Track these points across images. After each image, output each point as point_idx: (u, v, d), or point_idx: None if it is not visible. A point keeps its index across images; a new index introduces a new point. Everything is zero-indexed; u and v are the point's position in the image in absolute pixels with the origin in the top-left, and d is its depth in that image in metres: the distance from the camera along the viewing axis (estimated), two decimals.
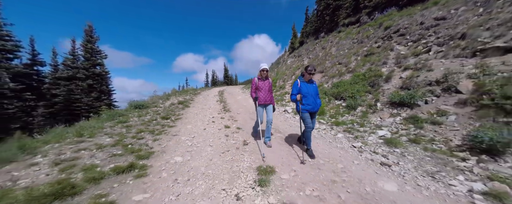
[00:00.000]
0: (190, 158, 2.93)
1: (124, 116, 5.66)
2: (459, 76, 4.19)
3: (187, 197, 1.96)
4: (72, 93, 11.21)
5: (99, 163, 2.68)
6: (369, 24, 10.65)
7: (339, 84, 7.51)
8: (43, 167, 2.62)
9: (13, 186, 2.15)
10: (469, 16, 5.69)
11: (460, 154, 2.83)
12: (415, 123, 3.97)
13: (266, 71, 3.29)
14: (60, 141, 3.55)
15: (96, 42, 12.97)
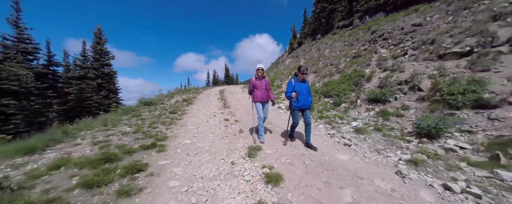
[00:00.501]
0: (197, 141, 3.74)
1: (137, 111, 6.48)
2: (422, 77, 4.96)
3: (196, 163, 2.76)
4: (83, 91, 12.12)
5: (127, 143, 3.49)
6: (359, 27, 11.39)
7: (329, 83, 8.28)
8: (85, 146, 3.43)
9: (69, 157, 2.97)
10: (440, 24, 6.44)
11: (408, 138, 3.61)
12: (384, 116, 4.75)
13: (261, 70, 3.55)
14: (90, 129, 4.37)
15: (105, 43, 13.89)
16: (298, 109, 3.27)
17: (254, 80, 3.60)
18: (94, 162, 2.63)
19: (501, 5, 5.18)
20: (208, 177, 2.35)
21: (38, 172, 2.37)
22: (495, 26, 4.79)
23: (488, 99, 3.51)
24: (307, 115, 3.32)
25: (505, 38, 4.33)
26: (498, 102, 3.41)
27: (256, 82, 3.59)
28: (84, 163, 2.63)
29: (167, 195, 1.97)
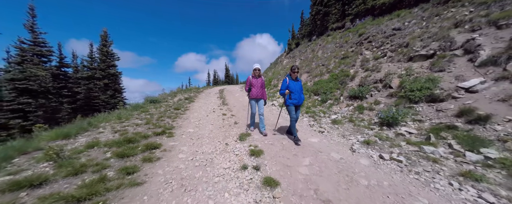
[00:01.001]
0: (198, 130, 4.51)
1: (144, 108, 7.26)
2: (393, 76, 5.71)
3: (198, 144, 3.54)
4: (91, 91, 12.96)
5: (142, 131, 4.27)
6: (350, 30, 12.13)
7: (318, 82, 9.04)
8: (107, 133, 4.22)
9: (98, 140, 3.75)
10: (415, 28, 7.18)
11: (372, 126, 4.38)
12: (359, 110, 5.50)
13: (258, 70, 3.82)
14: (108, 122, 5.16)
15: (110, 45, 14.73)
16: (293, 105, 3.52)
17: (251, 79, 3.87)
18: (119, 143, 3.41)
19: (463, 14, 5.92)
20: (207, 152, 3.13)
21: (78, 149, 3.16)
22: (455, 32, 5.53)
23: (438, 94, 4.27)
24: (298, 111, 3.68)
25: (460, 43, 5.08)
26: (445, 96, 4.16)
27: (252, 80, 3.86)
28: (111, 143, 3.42)
29: (177, 162, 2.75)
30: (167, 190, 2.04)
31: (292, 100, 3.49)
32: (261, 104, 3.98)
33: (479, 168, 2.46)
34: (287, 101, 3.54)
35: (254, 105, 3.98)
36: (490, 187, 2.09)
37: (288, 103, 3.53)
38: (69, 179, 2.26)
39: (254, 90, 3.88)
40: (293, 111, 3.55)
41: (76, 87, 12.84)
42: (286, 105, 3.58)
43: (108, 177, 2.27)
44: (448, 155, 2.85)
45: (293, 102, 3.49)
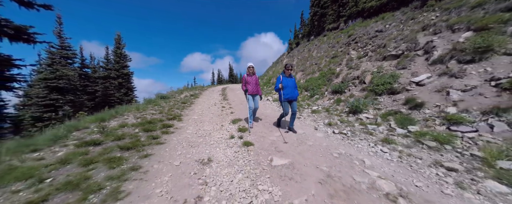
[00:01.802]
0: (201, 117, 5.65)
1: (156, 102, 8.50)
2: (367, 73, 6.63)
3: (201, 125, 4.66)
4: (107, 89, 14.50)
5: (157, 117, 5.45)
6: (342, 31, 12.95)
7: (310, 80, 10.01)
8: (131, 119, 5.41)
9: (126, 123, 4.95)
10: (393, 31, 8.01)
11: (341, 114, 5.36)
12: (337, 102, 6.47)
13: (252, 68, 4.08)
14: (129, 112, 6.39)
15: (123, 48, 16.25)
16: (286, 100, 3.77)
17: (246, 77, 4.15)
18: (142, 124, 4.60)
19: (430, 18, 6.74)
20: (207, 130, 4.24)
21: (114, 127, 4.35)
22: (421, 35, 6.37)
23: (396, 88, 5.19)
24: (294, 105, 3.84)
25: (422, 44, 5.94)
26: (400, 89, 5.08)
27: (247, 78, 4.13)
28: (137, 124, 4.61)
29: (186, 134, 3.88)
30: (180, 146, 3.16)
31: (285, 95, 3.71)
32: (257, 100, 4.29)
33: (397, 137, 3.44)
34: (281, 97, 3.78)
35: (251, 101, 4.21)
36: (394, 146, 3.08)
37: (281, 99, 3.79)
38: (114, 142, 3.42)
39: (249, 87, 4.14)
40: (286, 106, 3.78)
41: (94, 85, 14.44)
42: (280, 100, 3.84)
43: (141, 140, 3.42)
44: (384, 130, 3.83)
45: (286, 97, 3.71)
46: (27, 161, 2.55)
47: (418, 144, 3.13)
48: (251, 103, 4.19)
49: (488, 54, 4.21)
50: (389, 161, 2.64)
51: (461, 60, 4.57)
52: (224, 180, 2.11)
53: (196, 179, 2.16)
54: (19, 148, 2.87)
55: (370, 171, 2.26)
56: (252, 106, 4.20)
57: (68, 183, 1.99)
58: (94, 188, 1.92)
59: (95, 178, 2.13)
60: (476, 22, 4.97)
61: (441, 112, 3.80)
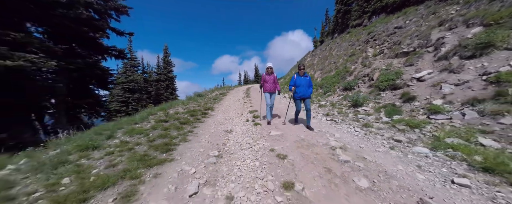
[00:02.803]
0: (227, 109, 7.33)
1: (194, 99, 10.80)
2: (376, 70, 7.04)
3: (227, 114, 6.31)
4: (158, 90, 18.38)
5: (197, 108, 7.42)
6: (365, 27, 12.77)
7: (325, 78, 10.63)
8: (180, 109, 7.55)
9: (178, 111, 7.05)
10: (412, 27, 7.94)
11: (344, 108, 6.13)
12: (344, 98, 7.14)
13: (270, 68, 4.46)
14: (178, 105, 8.68)
15: (169, 56, 20.12)
16: (298, 98, 4.01)
17: (265, 76, 4.54)
18: (189, 112, 6.55)
19: (450, 12, 6.60)
20: (231, 116, 5.83)
21: (172, 113, 6.42)
22: (436, 31, 6.40)
23: (398, 83, 5.64)
24: (307, 103, 3.99)
25: (434, 41, 6.05)
26: (402, 85, 5.52)
27: (266, 77, 4.51)
28: (185, 112, 6.60)
29: (217, 117, 5.57)
30: (213, 124, 4.82)
31: (298, 93, 3.98)
32: (274, 97, 4.66)
33: (378, 123, 4.21)
34: (294, 95, 4.07)
35: (268, 98, 4.56)
36: (369, 128, 3.93)
37: (294, 97, 4.08)
38: (175, 120, 5.35)
39: (267, 85, 4.49)
40: (299, 104, 4.08)
41: (150, 86, 18.58)
42: (293, 98, 4.13)
43: (190, 120, 5.26)
44: (372, 119, 4.59)
45: (299, 95, 3.96)
46: (136, 127, 4.62)
47: (392, 128, 3.89)
48: (268, 100, 4.55)
49: (489, 50, 4.38)
50: (355, 136, 3.58)
51: (462, 56, 4.79)
52: (238, 139, 3.56)
53: (222, 137, 3.69)
54: (129, 121, 5.05)
55: (332, 138, 3.32)
56: (269, 103, 4.55)
57: (160, 135, 3.82)
58: (173, 137, 3.67)
59: (171, 134, 3.91)
60: (489, 17, 4.98)
61: (428, 104, 4.31)
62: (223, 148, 3.17)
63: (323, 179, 2.13)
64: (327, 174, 2.23)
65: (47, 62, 4.24)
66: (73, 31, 4.93)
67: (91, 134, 4.08)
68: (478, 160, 2.31)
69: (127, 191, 1.97)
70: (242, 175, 2.26)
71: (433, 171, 2.24)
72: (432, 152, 2.72)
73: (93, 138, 3.59)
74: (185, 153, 3.00)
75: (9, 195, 1.94)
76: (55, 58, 4.36)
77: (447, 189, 1.93)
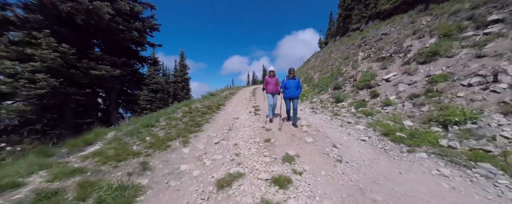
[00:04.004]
0: (236, 105, 9.10)
1: (208, 97, 12.76)
2: (360, 73, 8.38)
3: (235, 108, 8.07)
4: (176, 90, 20.82)
5: (212, 104, 9.29)
6: (361, 32, 13.89)
7: (322, 79, 12.01)
8: (198, 105, 9.50)
9: (196, 107, 8.96)
10: (395, 34, 9.12)
11: (328, 103, 7.59)
12: (332, 96, 8.56)
13: (272, 72, 5.10)
14: (196, 102, 10.64)
15: (185, 60, 22.60)
16: (287, 98, 4.63)
17: (268, 78, 5.17)
18: (206, 107, 8.43)
19: (422, 23, 7.77)
20: (238, 110, 7.58)
21: (193, 107, 8.34)
22: (409, 39, 7.62)
23: (372, 84, 7.00)
24: (295, 103, 4.61)
25: (405, 47, 7.30)
26: (374, 85, 6.88)
27: (268, 79, 5.12)
28: (202, 107, 8.48)
29: (227, 111, 7.35)
30: (225, 114, 6.60)
31: (286, 94, 4.58)
32: (276, 98, 5.18)
33: (346, 113, 5.68)
34: (284, 96, 4.73)
35: (270, 98, 5.12)
36: (336, 116, 5.44)
37: (284, 97, 4.76)
38: (197, 112, 7.22)
39: (269, 87, 5.06)
40: (288, 103, 4.70)
41: (169, 87, 21.16)
42: (283, 98, 4.83)
43: (208, 111, 7.10)
44: (344, 110, 6.06)
45: (287, 96, 4.57)
46: (171, 116, 6.53)
47: (353, 116, 5.36)
48: (270, 100, 5.10)
49: (435, 57, 5.66)
50: (323, 120, 5.12)
51: (418, 61, 6.09)
52: (242, 122, 5.26)
53: (232, 121, 5.42)
54: (165, 112, 7.01)
55: (305, 121, 4.90)
56: (271, 102, 5.09)
57: (190, 120, 5.66)
58: (198, 121, 5.49)
59: (197, 120, 5.73)
60: (442, 30, 6.21)
61: (385, 99, 5.70)
62: (232, 126, 4.90)
63: (288, 139, 3.76)
64: (292, 137, 3.86)
65: (114, 70, 6.29)
66: (125, 47, 6.93)
67: (145, 119, 6.04)
68: (383, 130, 3.80)
69: (183, 141, 3.77)
70: (243, 137, 3.96)
71: (354, 136, 3.77)
72: (365, 127, 4.22)
73: (149, 121, 5.51)
74: (209, 128, 4.77)
75: (127, 144, 3.82)
76: (118, 68, 6.42)
77: (354, 142, 3.47)
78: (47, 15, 5.02)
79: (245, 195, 2.06)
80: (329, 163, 2.72)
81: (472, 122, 3.27)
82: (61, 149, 3.47)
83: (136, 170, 2.67)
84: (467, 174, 2.20)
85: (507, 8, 5.06)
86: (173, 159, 3.08)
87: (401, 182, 2.15)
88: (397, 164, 2.59)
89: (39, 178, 2.57)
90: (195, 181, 2.42)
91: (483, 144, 2.78)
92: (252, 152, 3.18)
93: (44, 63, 4.56)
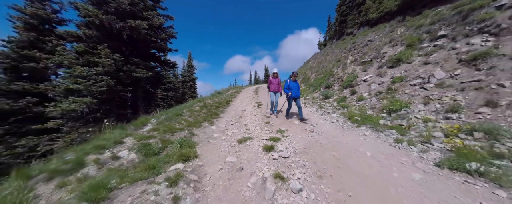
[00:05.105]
0: (242, 101, 10.79)
1: (216, 95, 14.50)
2: (346, 74, 9.97)
3: (241, 103, 9.76)
4: (184, 89, 22.65)
5: (222, 101, 11.00)
6: (353, 37, 15.41)
7: (316, 79, 13.63)
8: (210, 101, 11.20)
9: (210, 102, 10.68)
10: (377, 41, 10.68)
11: (318, 100, 9.22)
12: (323, 94, 10.18)
13: (275, 73, 6.13)
14: (207, 99, 12.37)
15: (192, 61, 24.42)
16: (291, 98, 5.45)
17: (271, 79, 6.16)
18: (216, 102, 10.14)
19: (397, 33, 9.32)
20: (244, 105, 9.27)
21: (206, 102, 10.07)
22: (386, 46, 9.18)
23: (353, 84, 8.61)
24: (298, 102, 5.44)
25: (382, 53, 8.87)
26: (354, 84, 8.48)
27: (272, 80, 6.13)
28: (213, 103, 10.20)
29: (235, 105, 9.05)
30: (234, 108, 8.29)
31: (292, 94, 5.34)
32: (277, 95, 6.24)
33: (329, 106, 7.32)
34: (287, 95, 5.49)
35: (273, 96, 6.20)
36: (321, 108, 7.09)
37: (289, 97, 5.43)
38: (211, 106, 8.94)
39: (272, 86, 6.11)
40: (291, 103, 5.61)
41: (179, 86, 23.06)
42: (287, 98, 5.53)
43: (220, 106, 8.81)
44: (329, 105, 7.69)
45: (293, 96, 5.36)
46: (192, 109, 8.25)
47: (334, 108, 6.99)
48: (273, 97, 6.18)
49: (399, 63, 7.24)
50: (310, 111, 6.77)
51: (388, 66, 7.67)
52: (249, 112, 6.94)
53: (240, 112, 7.10)
54: (185, 106, 8.75)
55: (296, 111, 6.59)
56: (273, 100, 6.18)
57: (208, 111, 7.37)
58: (215, 111, 7.19)
59: (213, 111, 7.43)
60: (408, 40, 7.78)
61: (360, 95, 7.31)
62: (241, 115, 6.58)
63: (282, 122, 5.42)
64: (284, 121, 5.53)
65: (147, 73, 8.05)
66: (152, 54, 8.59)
67: (173, 110, 7.75)
68: (348, 116, 5.44)
69: (209, 122, 5.47)
70: (250, 121, 5.63)
71: (328, 120, 5.42)
72: (338, 115, 5.86)
73: (177, 111, 7.22)
74: (224, 116, 6.46)
75: (171, 124, 5.54)
76: (149, 71, 8.16)
77: (326, 123, 5.12)
78: (103, 32, 6.75)
79: (253, 146, 3.73)
80: (305, 133, 4.37)
81: (404, 110, 4.89)
82: (130, 127, 5.20)
83: (187, 136, 4.38)
84: (379, 135, 3.83)
85: (451, 26, 6.62)
86: (207, 131, 4.78)
87: (341, 139, 3.79)
88: (345, 132, 4.23)
89: (130, 139, 4.29)
90: (224, 140, 4.11)
91: (401, 121, 4.40)
92: (257, 129, 4.85)
93: (104, 68, 6.29)
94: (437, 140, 3.24)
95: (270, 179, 2.32)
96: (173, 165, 2.85)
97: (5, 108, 6.00)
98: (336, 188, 2.13)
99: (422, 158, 2.69)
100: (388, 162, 2.64)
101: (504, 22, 5.06)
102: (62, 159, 3.34)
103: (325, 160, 2.88)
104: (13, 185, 2.55)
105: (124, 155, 3.52)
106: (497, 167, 2.29)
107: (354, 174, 2.41)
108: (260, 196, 2.10)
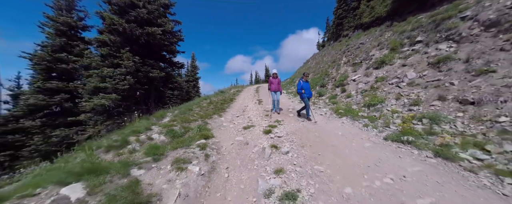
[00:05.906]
0: (244, 99, 11.83)
1: (220, 94, 15.56)
2: (338, 74, 10.99)
3: (243, 100, 10.82)
4: (188, 88, 23.76)
5: (225, 98, 12.06)
6: (348, 39, 16.41)
7: (313, 79, 14.65)
8: (215, 99, 12.26)
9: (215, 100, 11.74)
10: (368, 44, 11.68)
11: (313, 97, 10.25)
12: (318, 92, 11.20)
13: (275, 74, 6.63)
14: (211, 97, 13.43)
15: (196, 61, 25.51)
16: (306, 97, 5.76)
17: (271, 79, 6.66)
18: (221, 100, 11.20)
19: (384, 37, 10.32)
20: (246, 102, 10.32)
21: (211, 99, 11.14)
22: (374, 50, 10.18)
23: (344, 83, 9.63)
24: (308, 100, 5.85)
25: (370, 56, 9.88)
26: (345, 84, 9.50)
27: (272, 80, 6.63)
28: (218, 100, 11.28)
29: (239, 102, 10.11)
30: (238, 104, 9.35)
31: (305, 94, 5.68)
32: (278, 94, 6.68)
33: (321, 102, 8.35)
34: (303, 96, 5.69)
35: (274, 95, 6.65)
36: (315, 104, 8.12)
37: (303, 97, 5.70)
38: (217, 103, 10.00)
39: (273, 86, 6.59)
40: (307, 100, 5.78)
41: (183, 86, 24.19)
42: (302, 98, 5.78)
43: (225, 102, 9.87)
44: (322, 102, 8.72)
45: (307, 95, 5.73)
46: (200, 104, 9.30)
47: (325, 104, 8.02)
48: (274, 96, 6.63)
49: (383, 65, 8.25)
50: None
51: (374, 67, 8.69)
52: (251, 108, 7.99)
53: (243, 108, 8.14)
54: (194, 102, 9.82)
55: (292, 107, 7.61)
56: (274, 98, 6.62)
57: (214, 107, 8.43)
58: (222, 107, 8.24)
59: (219, 106, 8.49)
60: (392, 44, 8.78)
61: (348, 93, 8.34)
62: (244, 109, 7.62)
63: (279, 115, 6.48)
64: (281, 114, 6.58)
65: (160, 73, 9.11)
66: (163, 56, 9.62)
67: (184, 106, 8.81)
68: (334, 110, 6.47)
69: (218, 115, 6.53)
70: (252, 114, 6.68)
71: (318, 113, 6.46)
72: (327, 109, 6.90)
73: (188, 107, 8.28)
74: (230, 111, 7.51)
75: (186, 117, 6.63)
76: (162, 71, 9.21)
77: (316, 115, 6.16)
78: (123, 37, 7.81)
79: (255, 130, 4.77)
80: (297, 122, 5.41)
81: (380, 104, 5.91)
82: (152, 118, 6.27)
83: (202, 124, 5.43)
84: (354, 123, 4.88)
85: (427, 33, 7.62)
86: (217, 121, 5.83)
87: (324, 126, 4.83)
88: (328, 121, 5.27)
89: (155, 127, 5.35)
90: (232, 127, 5.16)
91: (375, 113, 5.43)
92: (258, 119, 5.90)
93: (126, 69, 7.35)
94: (394, 125, 4.27)
95: (268, 148, 3.37)
96: (198, 141, 3.90)
97: (42, 103, 7.06)
98: (311, 151, 3.16)
99: (377, 135, 3.72)
100: (351, 138, 3.67)
101: (464, 31, 6.07)
102: (111, 139, 4.41)
103: (308, 138, 3.91)
104: (87, 153, 3.62)
105: (156, 137, 4.57)
106: (425, 139, 3.32)
107: (326, 145, 3.44)
108: (261, 157, 3.14)
